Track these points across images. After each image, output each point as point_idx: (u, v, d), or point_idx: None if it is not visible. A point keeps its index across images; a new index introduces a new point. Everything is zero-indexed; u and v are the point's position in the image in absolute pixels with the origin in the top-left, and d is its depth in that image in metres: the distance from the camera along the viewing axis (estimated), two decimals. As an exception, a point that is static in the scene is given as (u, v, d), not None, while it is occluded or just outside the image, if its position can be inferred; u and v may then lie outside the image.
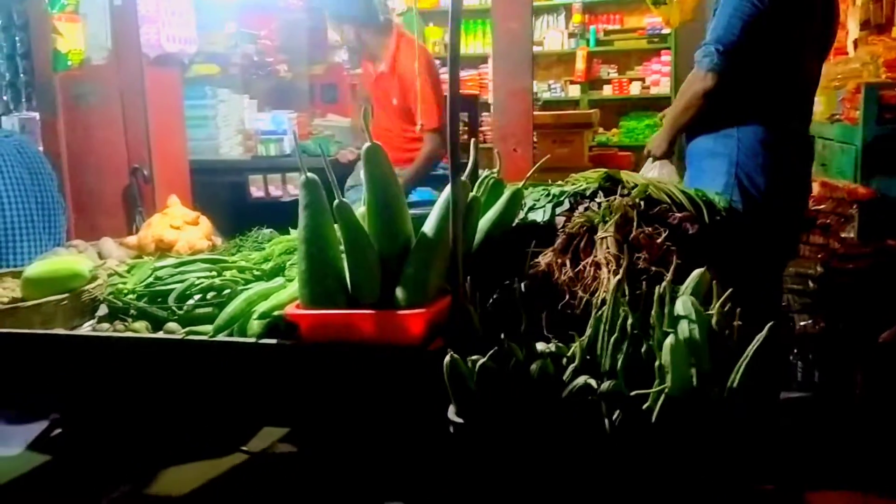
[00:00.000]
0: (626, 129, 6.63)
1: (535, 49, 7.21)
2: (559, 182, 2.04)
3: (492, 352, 1.35)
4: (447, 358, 1.37)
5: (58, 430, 2.34)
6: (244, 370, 1.64)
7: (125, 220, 2.99)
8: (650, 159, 2.47)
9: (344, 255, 1.63)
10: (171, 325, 1.85)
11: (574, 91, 6.82)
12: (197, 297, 1.96)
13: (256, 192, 3.41)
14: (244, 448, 2.08)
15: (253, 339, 1.62)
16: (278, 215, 2.94)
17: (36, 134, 4.13)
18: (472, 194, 1.77)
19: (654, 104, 6.73)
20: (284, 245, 2.17)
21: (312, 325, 1.59)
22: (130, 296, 1.98)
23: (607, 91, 6.79)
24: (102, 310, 2.04)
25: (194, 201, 3.10)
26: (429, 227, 1.64)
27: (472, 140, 1.91)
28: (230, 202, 3.19)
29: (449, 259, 1.62)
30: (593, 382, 1.29)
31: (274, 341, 1.59)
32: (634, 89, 6.72)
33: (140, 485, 2.08)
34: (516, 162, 2.57)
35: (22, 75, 3.39)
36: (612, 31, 6.78)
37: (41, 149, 3.76)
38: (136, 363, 1.69)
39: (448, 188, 1.68)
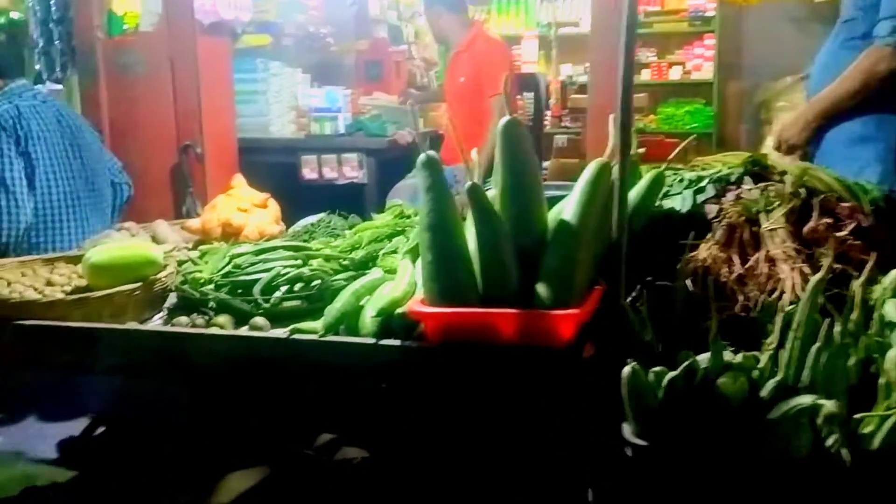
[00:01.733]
0: (664, 116, 6.38)
1: (571, 30, 6.99)
2: (692, 165, 1.83)
3: (686, 364, 1.14)
4: (627, 369, 1.16)
5: (100, 431, 2.14)
6: (357, 374, 1.43)
7: (172, 200, 2.76)
8: (780, 149, 2.22)
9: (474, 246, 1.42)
10: (259, 320, 1.64)
11: (611, 75, 6.52)
12: (283, 288, 1.75)
13: (309, 173, 3.18)
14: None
15: (372, 340, 1.41)
16: (333, 199, 2.73)
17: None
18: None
19: (695, 90, 6.49)
20: (373, 232, 1.96)
21: (441, 325, 1.38)
22: (208, 286, 1.77)
23: (645, 75, 6.52)
24: (169, 300, 1.84)
25: (242, 182, 2.88)
26: (570, 214, 1.42)
27: (611, 116, 1.70)
28: (281, 184, 2.96)
29: (598, 252, 1.43)
30: (818, 402, 1.09)
31: (408, 343, 1.38)
32: (674, 74, 6.46)
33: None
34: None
35: (56, 42, 3.15)
36: (652, 13, 6.51)
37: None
38: (230, 363, 1.48)
39: (590, 168, 1.48)
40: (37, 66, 3.33)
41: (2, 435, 2.17)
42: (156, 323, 1.75)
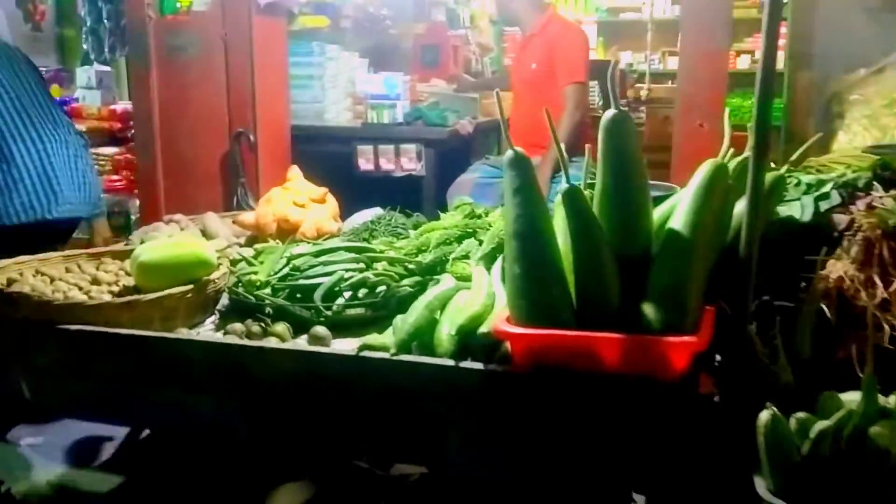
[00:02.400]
0: (730, 108, 6.07)
1: (632, 16, 6.71)
2: (805, 167, 1.63)
3: (841, 414, 0.95)
4: (766, 415, 0.98)
5: (147, 438, 2.02)
6: (433, 398, 1.27)
7: (222, 191, 2.63)
8: None
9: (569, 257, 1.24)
10: (319, 330, 1.49)
11: (673, 63, 6.26)
12: (346, 294, 1.60)
13: (365, 164, 3.01)
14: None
15: (451, 362, 1.24)
16: (389, 192, 2.58)
17: (114, 90, 3.81)
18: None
19: (763, 80, 6.17)
20: (441, 233, 1.80)
21: (531, 347, 1.21)
22: (264, 290, 1.62)
23: (708, 64, 6.27)
24: (222, 301, 1.70)
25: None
26: (681, 223, 1.23)
27: (726, 111, 1.50)
28: (334, 175, 2.81)
29: (709, 266, 1.24)
30: None
31: (493, 367, 1.21)
32: (742, 63, 6.16)
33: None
34: (700, 140, 2.15)
35: (105, 21, 3.03)
36: (719, -3, 6.24)
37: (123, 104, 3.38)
38: (292, 379, 1.33)
39: (703, 168, 1.28)
40: (84, 46, 3.22)
41: (44, 437, 2.08)
42: (208, 328, 1.61)
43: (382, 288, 1.60)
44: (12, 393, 1.59)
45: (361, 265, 1.65)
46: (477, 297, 1.37)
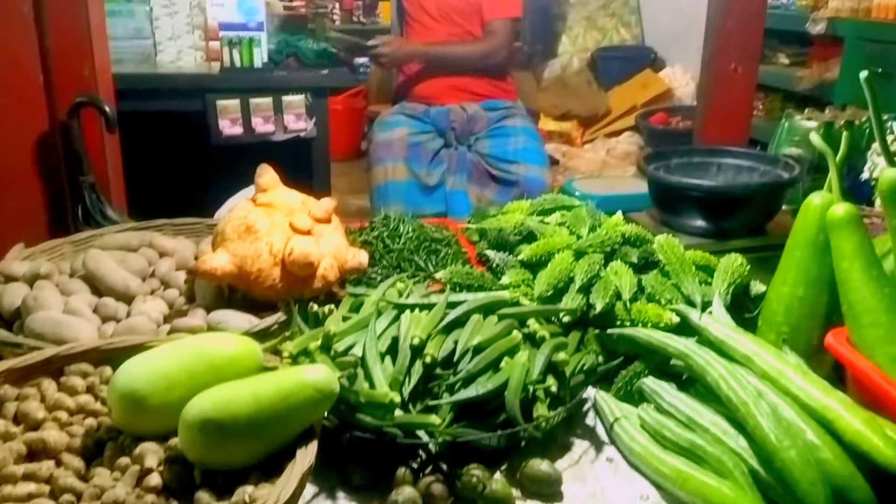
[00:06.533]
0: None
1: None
2: None
3: None
4: None
5: None
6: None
7: (46, 203, 1.61)
8: None
9: None
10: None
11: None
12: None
13: (229, 127, 2.10)
14: None
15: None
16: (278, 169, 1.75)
17: None
18: None
19: None
20: (567, 257, 1.20)
21: None
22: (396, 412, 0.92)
23: None
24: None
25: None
26: None
27: None
28: (181, 146, 1.95)
29: None
30: None
31: None
32: None
33: None
34: (734, 86, 1.77)
35: None
36: None
37: None
38: None
39: None
40: None
41: None
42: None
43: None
44: None
45: (516, 334, 1.02)
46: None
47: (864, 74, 0.81)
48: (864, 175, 1.42)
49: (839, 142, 1.00)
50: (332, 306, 1.14)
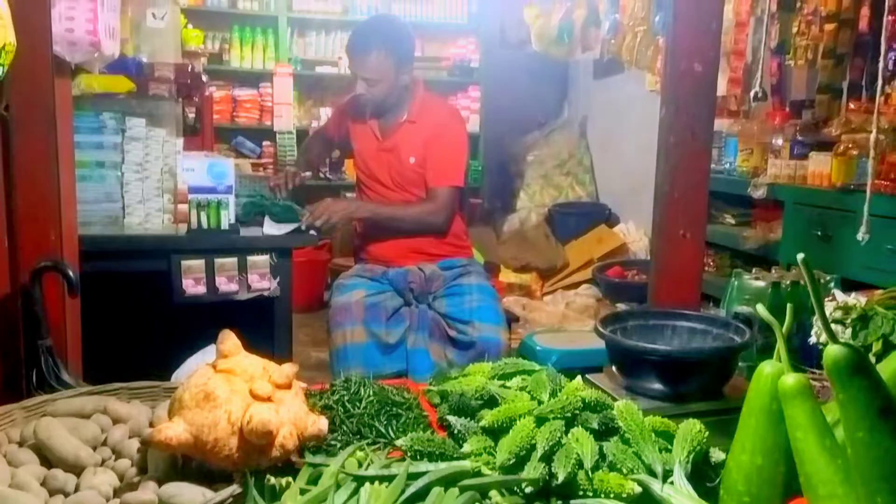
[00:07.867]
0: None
1: (329, 70, 6.34)
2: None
3: None
4: None
5: None
6: None
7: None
8: None
9: None
10: None
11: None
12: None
13: (193, 287, 2.11)
14: None
15: None
16: (228, 323, 1.76)
17: None
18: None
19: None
20: (524, 426, 1.20)
21: None
22: None
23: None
24: None
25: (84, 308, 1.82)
26: None
27: None
28: (144, 306, 1.95)
29: None
30: None
31: None
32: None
33: None
34: (683, 251, 1.83)
35: None
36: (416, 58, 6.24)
37: None
38: None
39: None
40: None
41: None
42: None
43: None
44: None
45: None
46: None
47: (801, 257, 0.87)
48: (812, 339, 1.48)
49: (786, 301, 1.04)
50: (290, 479, 1.12)
